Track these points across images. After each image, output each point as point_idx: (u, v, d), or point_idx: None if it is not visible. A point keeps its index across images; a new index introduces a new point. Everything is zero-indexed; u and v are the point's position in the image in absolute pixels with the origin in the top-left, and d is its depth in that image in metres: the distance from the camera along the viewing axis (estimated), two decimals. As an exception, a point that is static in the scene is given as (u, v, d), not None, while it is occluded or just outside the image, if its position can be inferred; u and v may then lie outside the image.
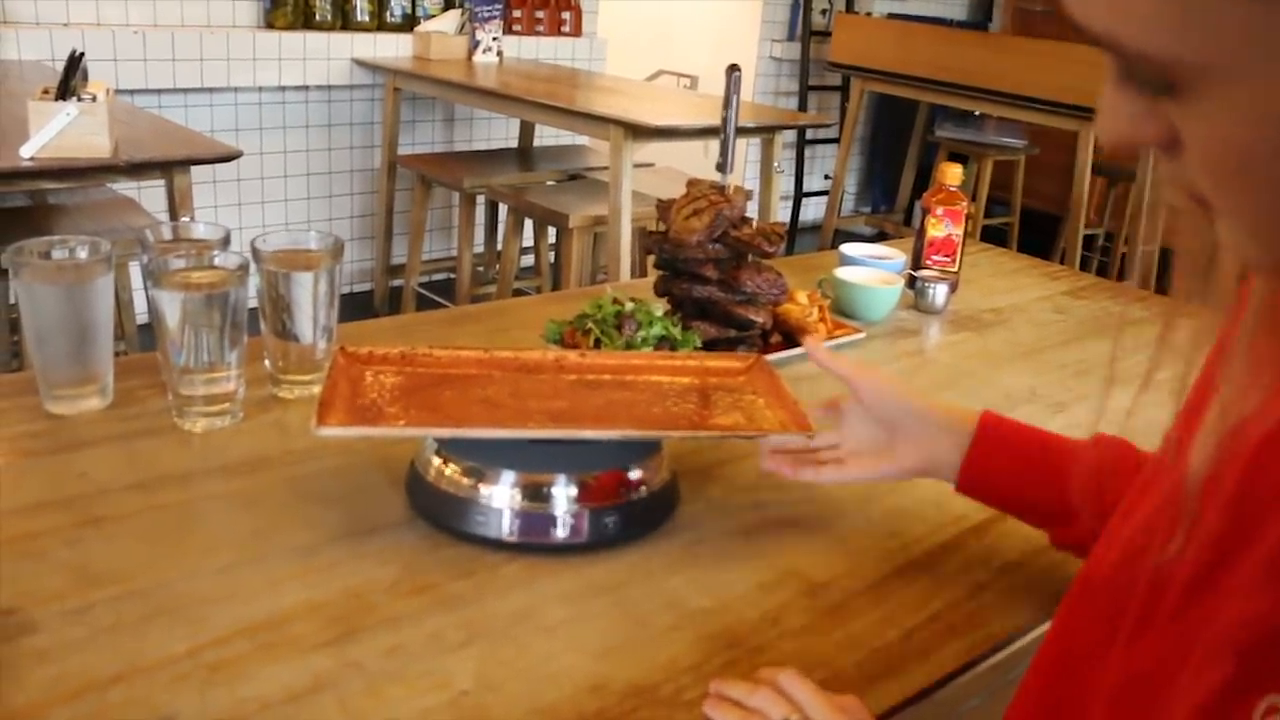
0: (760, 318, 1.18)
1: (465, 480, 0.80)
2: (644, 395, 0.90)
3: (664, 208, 1.19)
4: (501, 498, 0.79)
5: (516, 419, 0.82)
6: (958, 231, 1.52)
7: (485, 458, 0.80)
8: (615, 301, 1.12)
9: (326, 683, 0.65)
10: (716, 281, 1.16)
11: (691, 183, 1.19)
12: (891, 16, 5.04)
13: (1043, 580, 0.83)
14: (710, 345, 1.16)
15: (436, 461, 0.82)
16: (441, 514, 0.81)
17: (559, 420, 0.83)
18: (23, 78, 2.62)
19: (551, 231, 3.44)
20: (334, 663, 0.66)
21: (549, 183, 3.28)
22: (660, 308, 1.16)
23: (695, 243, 1.14)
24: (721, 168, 1.18)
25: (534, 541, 0.79)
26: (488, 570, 0.77)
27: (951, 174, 1.52)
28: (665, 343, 1.09)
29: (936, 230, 1.52)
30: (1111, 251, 4.37)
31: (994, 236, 4.53)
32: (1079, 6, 0.37)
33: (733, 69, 1.16)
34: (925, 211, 1.53)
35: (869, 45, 4.26)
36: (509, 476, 0.79)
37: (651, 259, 1.20)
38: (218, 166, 2.53)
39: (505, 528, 0.79)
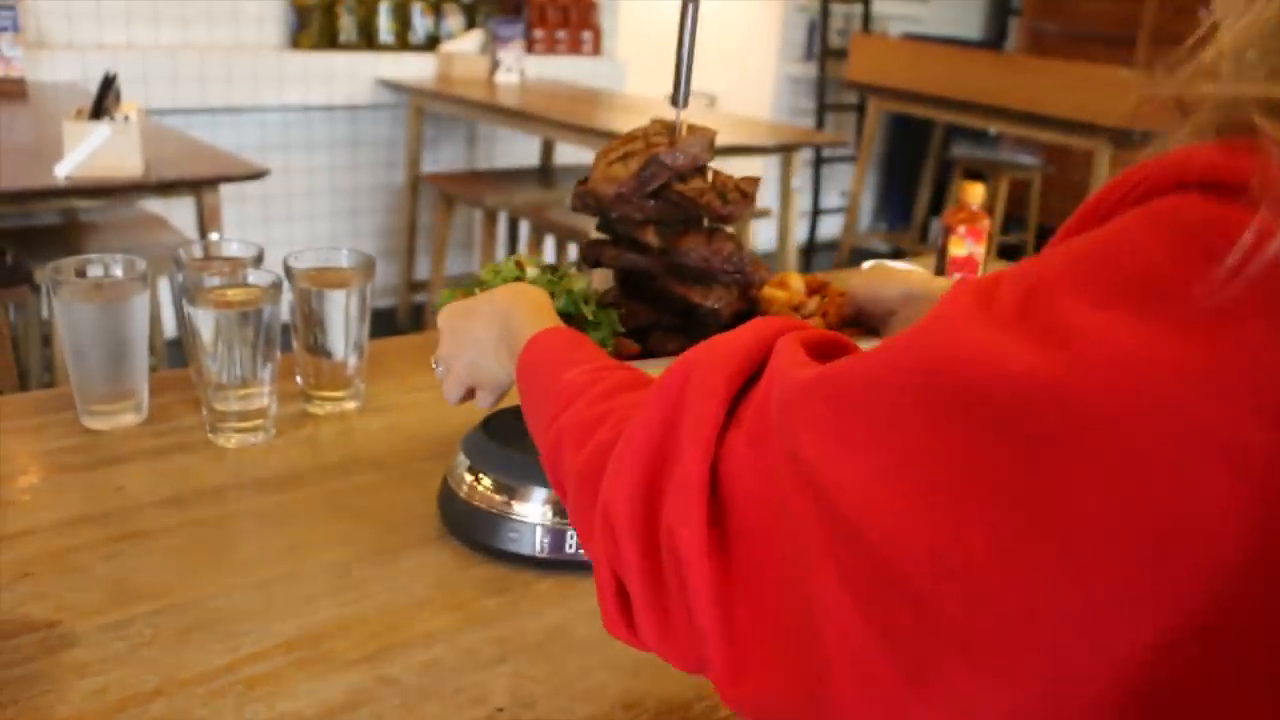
0: (708, 300, 0.84)
1: (497, 497, 0.81)
2: None
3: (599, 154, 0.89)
4: (534, 514, 0.79)
5: None
6: (979, 250, 1.52)
7: (518, 474, 0.81)
8: (518, 266, 0.87)
9: (363, 699, 0.65)
10: (658, 251, 0.85)
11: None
12: (907, 37, 5.06)
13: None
14: (643, 331, 0.87)
15: (469, 478, 0.83)
16: (474, 530, 0.81)
17: None
18: (57, 99, 2.66)
19: (572, 249, 3.45)
20: (369, 679, 0.67)
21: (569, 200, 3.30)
22: (583, 279, 0.87)
23: (614, 195, 0.83)
24: (675, 100, 0.92)
25: (566, 558, 0.79)
26: (521, 587, 0.78)
27: (973, 193, 1.52)
28: (574, 321, 0.81)
29: (959, 249, 1.52)
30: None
31: (1010, 254, 4.51)
32: None
33: None
34: (947, 230, 1.53)
35: (885, 65, 4.28)
36: (541, 493, 0.80)
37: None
38: (245, 184, 2.56)
39: (537, 544, 0.79)
